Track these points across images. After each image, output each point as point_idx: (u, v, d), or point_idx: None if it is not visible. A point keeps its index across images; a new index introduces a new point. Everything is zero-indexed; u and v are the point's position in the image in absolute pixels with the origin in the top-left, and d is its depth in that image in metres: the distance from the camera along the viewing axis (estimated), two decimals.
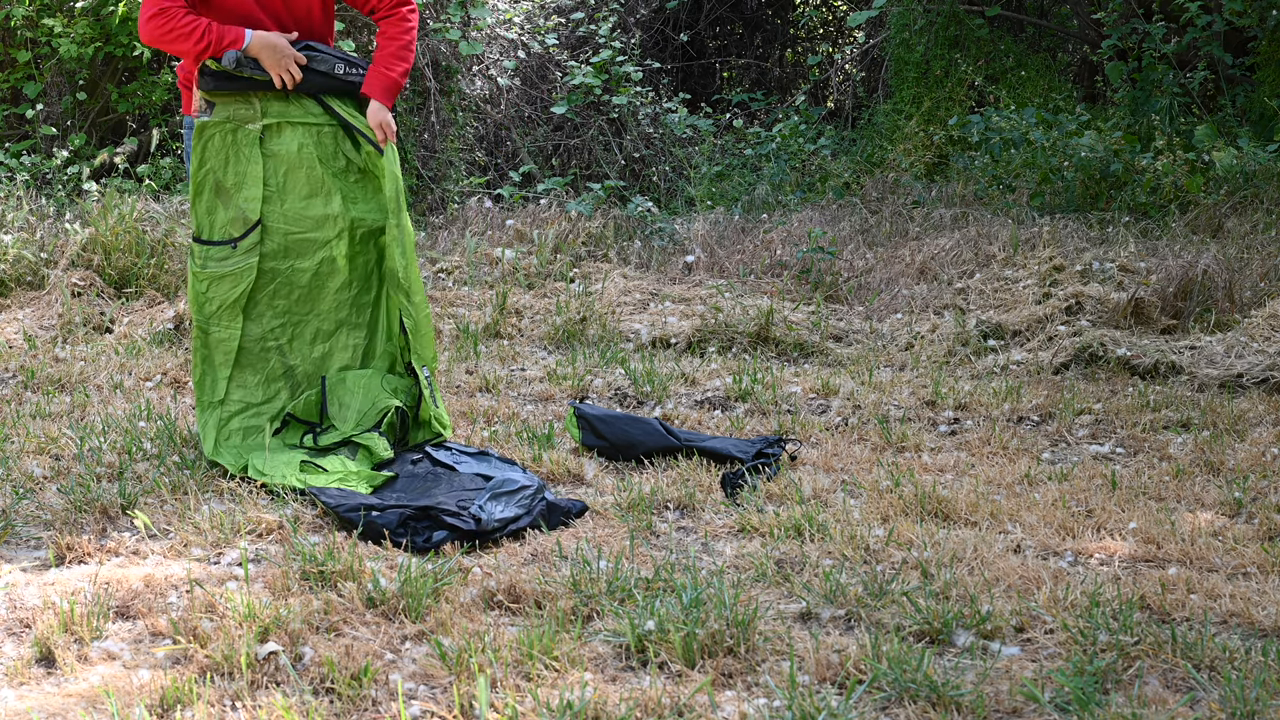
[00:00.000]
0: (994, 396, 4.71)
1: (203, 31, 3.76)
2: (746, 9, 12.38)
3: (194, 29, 3.75)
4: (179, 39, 3.76)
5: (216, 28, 3.77)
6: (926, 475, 3.84)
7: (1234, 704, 2.36)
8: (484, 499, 3.41)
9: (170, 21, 3.74)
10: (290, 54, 3.84)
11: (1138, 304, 5.66)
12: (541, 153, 9.54)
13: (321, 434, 3.91)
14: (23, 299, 6.11)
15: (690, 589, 2.82)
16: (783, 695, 2.42)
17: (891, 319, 6.02)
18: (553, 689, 2.45)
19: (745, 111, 10.97)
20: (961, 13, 9.94)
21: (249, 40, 3.79)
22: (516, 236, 7.41)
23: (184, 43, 3.76)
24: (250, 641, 2.57)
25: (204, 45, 3.77)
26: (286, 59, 3.83)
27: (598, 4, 10.28)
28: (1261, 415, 4.46)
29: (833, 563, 3.12)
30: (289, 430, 3.92)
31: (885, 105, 10.39)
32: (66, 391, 4.81)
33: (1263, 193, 7.48)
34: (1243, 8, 8.57)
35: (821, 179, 9.07)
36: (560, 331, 5.83)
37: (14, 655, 2.61)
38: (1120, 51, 9.44)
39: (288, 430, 3.92)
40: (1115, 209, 7.61)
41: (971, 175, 8.52)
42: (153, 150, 8.51)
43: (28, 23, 8.42)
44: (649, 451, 4.02)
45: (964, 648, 2.65)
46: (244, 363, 3.92)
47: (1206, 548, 3.20)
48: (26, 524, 3.36)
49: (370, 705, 2.43)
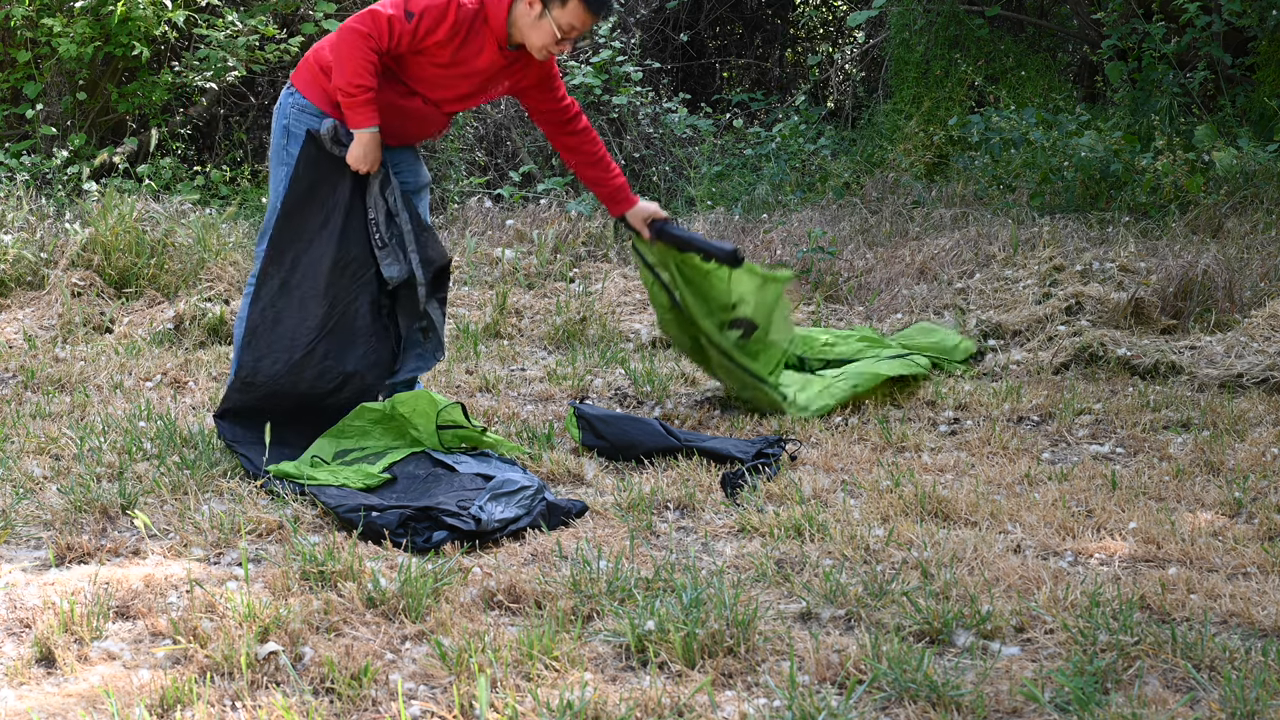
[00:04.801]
0: (994, 396, 4.70)
1: (357, 87, 3.79)
2: (746, 9, 12.37)
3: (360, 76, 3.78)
4: (344, 61, 3.78)
5: (369, 99, 3.81)
6: (926, 475, 3.84)
7: (1234, 704, 2.36)
8: (484, 499, 3.41)
9: (359, 51, 3.77)
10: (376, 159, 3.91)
11: (1138, 304, 5.66)
12: (541, 153, 9.54)
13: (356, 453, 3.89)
14: (23, 299, 6.11)
15: (690, 589, 2.82)
16: (783, 695, 2.42)
17: (891, 319, 6.02)
18: (553, 689, 2.45)
19: (745, 111, 10.97)
20: (961, 13, 9.94)
21: (365, 129, 3.84)
22: (516, 236, 7.41)
23: (345, 72, 3.79)
24: (250, 641, 2.57)
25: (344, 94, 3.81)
26: (370, 161, 3.90)
27: None
28: (1261, 415, 4.46)
29: (833, 563, 3.12)
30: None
31: (885, 105, 10.39)
32: (66, 391, 4.81)
33: (1263, 193, 7.47)
34: (1242, 8, 8.56)
35: (821, 179, 9.07)
36: (560, 331, 5.83)
37: (14, 655, 2.60)
38: (1120, 51, 9.44)
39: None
40: (1115, 209, 7.61)
41: (971, 175, 8.52)
42: (153, 150, 8.51)
43: (28, 23, 8.42)
44: (649, 451, 4.01)
45: (964, 648, 2.65)
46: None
47: (1206, 548, 3.20)
48: (26, 524, 3.36)
49: (370, 705, 2.43)
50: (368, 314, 3.98)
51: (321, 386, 3.90)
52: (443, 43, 3.84)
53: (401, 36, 3.79)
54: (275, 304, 3.92)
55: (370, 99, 3.83)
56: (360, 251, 3.97)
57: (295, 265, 3.92)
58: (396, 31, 3.78)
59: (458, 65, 3.90)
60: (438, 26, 3.79)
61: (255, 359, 3.89)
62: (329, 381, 3.91)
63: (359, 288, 3.96)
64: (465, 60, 3.90)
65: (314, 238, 3.93)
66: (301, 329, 3.89)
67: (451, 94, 4.02)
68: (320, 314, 3.90)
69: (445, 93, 4.00)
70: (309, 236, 3.93)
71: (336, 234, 3.92)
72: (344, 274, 3.94)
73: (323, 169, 3.94)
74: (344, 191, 3.95)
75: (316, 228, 3.93)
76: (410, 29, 3.77)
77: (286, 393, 3.86)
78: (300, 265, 3.92)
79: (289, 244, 3.93)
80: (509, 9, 3.86)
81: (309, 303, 3.91)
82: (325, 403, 3.92)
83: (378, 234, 3.97)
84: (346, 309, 3.94)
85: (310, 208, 3.93)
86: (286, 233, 3.93)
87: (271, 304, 3.92)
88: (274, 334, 3.90)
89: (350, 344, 3.94)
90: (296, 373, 3.88)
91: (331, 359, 3.91)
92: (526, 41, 3.93)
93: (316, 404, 3.91)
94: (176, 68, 8.93)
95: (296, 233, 3.93)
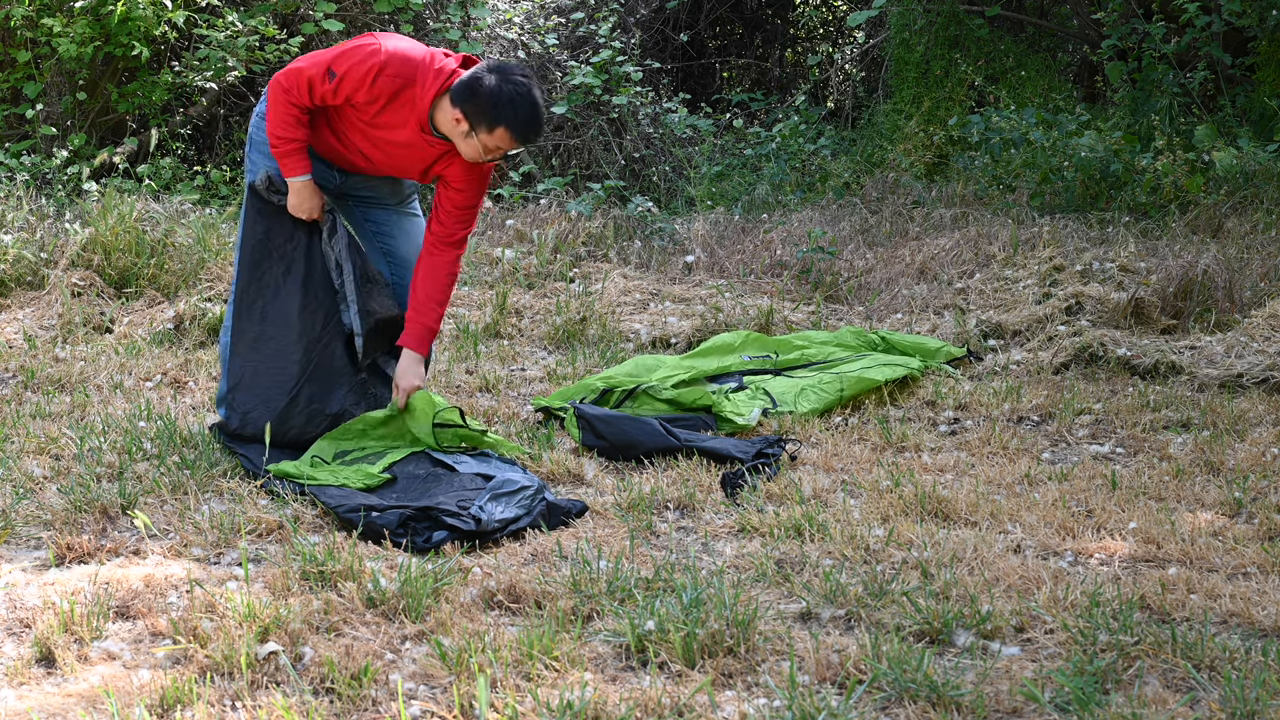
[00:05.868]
0: (994, 396, 4.71)
1: (280, 139, 3.81)
2: (746, 9, 12.37)
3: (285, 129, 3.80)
4: (270, 113, 3.82)
5: (296, 148, 3.82)
6: (926, 475, 3.84)
7: (1234, 704, 2.36)
8: (484, 499, 3.41)
9: (282, 106, 3.80)
10: (313, 207, 3.90)
11: (1138, 304, 5.66)
12: (541, 153, 9.54)
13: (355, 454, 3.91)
14: (23, 299, 6.11)
15: (690, 589, 2.82)
16: (783, 695, 2.42)
17: (892, 319, 6.02)
18: (553, 689, 2.45)
19: (745, 111, 10.97)
20: (961, 13, 9.94)
21: (296, 179, 3.85)
22: (516, 236, 7.41)
23: (269, 121, 3.82)
24: (250, 641, 2.57)
25: (272, 144, 3.83)
26: (307, 210, 3.89)
27: (598, 4, 10.28)
28: (1261, 415, 4.46)
29: (833, 563, 3.12)
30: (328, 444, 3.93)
31: (885, 105, 10.39)
32: (66, 391, 4.81)
33: (1263, 193, 7.48)
34: (1242, 8, 8.56)
35: (821, 179, 9.07)
36: (560, 331, 5.83)
37: (14, 655, 2.60)
38: (1120, 51, 9.44)
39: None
40: (1115, 209, 7.61)
41: (971, 175, 8.52)
42: (153, 150, 8.51)
43: (27, 23, 8.42)
44: (649, 451, 4.01)
45: (964, 648, 2.65)
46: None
47: (1206, 548, 3.20)
48: (26, 524, 3.36)
49: (370, 705, 2.43)
50: (344, 354, 3.99)
51: (310, 430, 3.93)
52: (364, 104, 3.79)
53: (324, 95, 3.77)
54: (252, 358, 3.93)
55: (295, 149, 3.81)
56: (327, 295, 3.97)
57: (265, 317, 3.93)
58: (318, 91, 3.76)
59: (378, 129, 3.84)
60: (358, 90, 3.75)
61: (243, 412, 3.91)
62: (317, 425, 3.93)
63: (332, 329, 3.96)
64: (387, 126, 3.82)
65: (279, 286, 3.93)
66: (282, 378, 3.91)
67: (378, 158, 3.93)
68: (298, 360, 3.91)
69: (374, 154, 3.92)
70: (274, 285, 3.93)
71: (300, 279, 3.92)
72: (315, 317, 3.93)
73: (273, 217, 3.94)
74: (301, 236, 3.94)
75: (280, 276, 3.93)
76: (331, 89, 3.75)
77: (277, 440, 3.89)
78: (269, 316, 3.93)
79: (256, 296, 3.94)
80: (433, 101, 3.76)
81: (285, 351, 3.91)
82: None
83: (338, 279, 3.97)
84: (323, 352, 3.95)
85: (270, 257, 3.94)
86: (253, 285, 3.94)
87: (249, 358, 3.94)
88: (256, 386, 3.92)
89: (333, 386, 3.96)
90: (283, 420, 3.90)
91: (317, 402, 3.93)
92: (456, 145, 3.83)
93: (309, 443, 3.92)
94: (176, 68, 8.93)
95: (260, 285, 3.94)
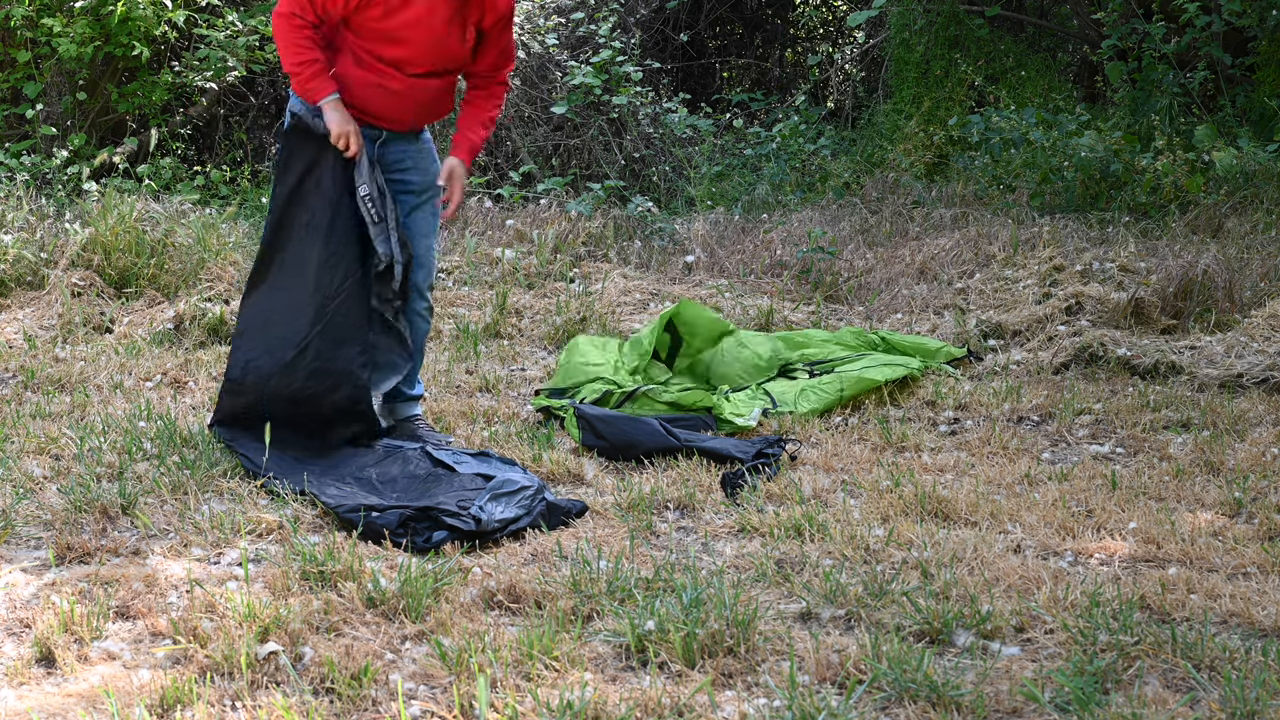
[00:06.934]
0: (994, 396, 4.70)
1: (299, 64, 3.79)
2: (746, 9, 12.37)
3: (299, 53, 3.79)
4: (281, 48, 3.81)
5: (317, 70, 3.80)
6: (926, 475, 3.84)
7: (1234, 704, 2.36)
8: (484, 499, 3.41)
9: (290, 31, 3.79)
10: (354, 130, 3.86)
11: (1138, 304, 5.66)
12: (541, 153, 9.54)
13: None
14: (23, 299, 6.11)
15: (690, 589, 2.82)
16: (783, 695, 2.42)
17: (892, 319, 6.02)
18: (553, 689, 2.45)
19: (745, 111, 10.97)
20: (961, 13, 9.94)
21: (325, 98, 3.82)
22: (516, 236, 7.41)
23: (285, 55, 3.81)
24: (250, 641, 2.57)
25: (293, 77, 3.82)
26: (346, 128, 3.86)
27: (598, 4, 10.27)
28: (1261, 415, 4.46)
29: (833, 563, 3.12)
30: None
31: (885, 105, 10.39)
32: (66, 391, 4.81)
33: (1263, 193, 7.48)
34: (1242, 8, 8.57)
35: (821, 179, 9.07)
36: (560, 331, 5.83)
37: (14, 655, 2.60)
38: (1120, 51, 9.44)
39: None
40: (1115, 209, 7.61)
41: (971, 175, 8.52)
42: (153, 150, 8.51)
43: (27, 23, 8.42)
44: (649, 451, 4.01)
45: (964, 648, 2.65)
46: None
47: (1206, 548, 3.20)
48: (26, 524, 3.36)
49: (370, 705, 2.43)
50: (360, 313, 3.92)
51: (314, 387, 3.85)
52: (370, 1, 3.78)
53: (328, 5, 3.75)
54: (265, 305, 3.88)
55: (317, 70, 3.80)
56: (349, 249, 3.89)
57: (283, 265, 3.88)
58: (319, 2, 3.75)
59: (394, 18, 3.80)
60: None
61: (245, 360, 3.86)
62: (321, 382, 3.86)
63: (349, 286, 3.89)
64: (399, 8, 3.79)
65: (301, 236, 3.87)
66: (292, 329, 3.84)
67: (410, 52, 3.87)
68: (311, 313, 3.84)
69: (403, 51, 3.86)
70: (297, 234, 3.88)
71: (323, 230, 3.86)
72: (334, 272, 3.86)
73: (306, 161, 3.89)
74: (329, 185, 3.88)
75: (304, 225, 3.87)
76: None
77: (278, 395, 3.83)
78: (288, 265, 3.87)
79: (278, 245, 3.90)
80: None
81: (299, 302, 3.85)
82: (319, 404, 3.88)
83: (374, 208, 3.91)
84: (338, 308, 3.87)
85: (297, 205, 3.88)
86: (279, 234, 3.90)
87: (261, 305, 3.89)
88: (264, 335, 3.86)
89: (342, 343, 3.87)
90: (288, 374, 3.83)
91: (324, 359, 3.85)
92: None
93: (309, 406, 3.87)
94: (176, 68, 8.93)
95: (285, 233, 3.89)
